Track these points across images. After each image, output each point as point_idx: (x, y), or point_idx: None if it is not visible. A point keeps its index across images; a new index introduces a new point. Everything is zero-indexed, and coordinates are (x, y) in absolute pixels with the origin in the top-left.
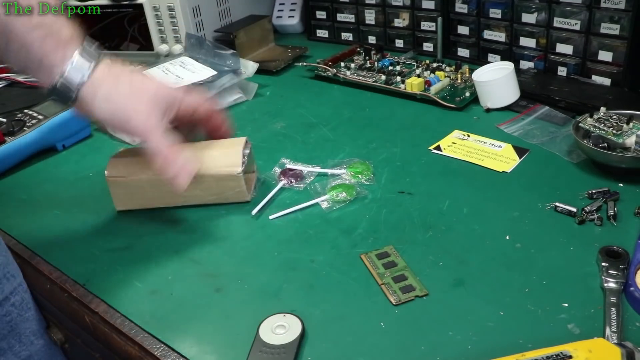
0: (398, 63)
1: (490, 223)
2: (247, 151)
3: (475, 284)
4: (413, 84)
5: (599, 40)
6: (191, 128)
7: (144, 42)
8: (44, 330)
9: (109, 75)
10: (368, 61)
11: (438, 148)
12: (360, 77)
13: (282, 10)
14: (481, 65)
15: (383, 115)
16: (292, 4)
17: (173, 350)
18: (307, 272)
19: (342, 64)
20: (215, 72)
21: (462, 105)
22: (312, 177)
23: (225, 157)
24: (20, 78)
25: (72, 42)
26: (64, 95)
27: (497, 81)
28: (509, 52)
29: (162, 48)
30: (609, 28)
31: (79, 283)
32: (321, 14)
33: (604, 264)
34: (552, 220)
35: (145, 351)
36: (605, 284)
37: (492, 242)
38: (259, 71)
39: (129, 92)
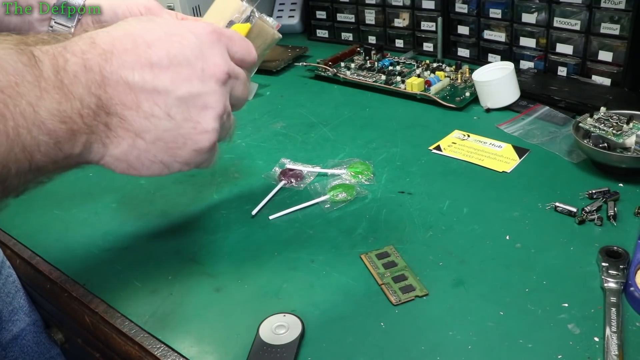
0: (398, 63)
1: (490, 223)
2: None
3: (475, 284)
4: (413, 84)
5: (599, 40)
6: None
7: None
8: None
9: None
10: (368, 61)
11: (438, 148)
12: (360, 77)
13: (282, 10)
14: (481, 65)
15: (383, 115)
16: (292, 4)
17: (173, 350)
18: (307, 272)
19: (342, 64)
20: None
21: (462, 105)
22: (312, 177)
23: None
24: None
25: None
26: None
27: (497, 81)
28: (509, 52)
29: None
30: (609, 28)
31: (79, 283)
32: (321, 14)
33: (604, 264)
34: (552, 220)
35: (145, 351)
36: (605, 284)
37: (492, 242)
38: (259, 71)
39: None
